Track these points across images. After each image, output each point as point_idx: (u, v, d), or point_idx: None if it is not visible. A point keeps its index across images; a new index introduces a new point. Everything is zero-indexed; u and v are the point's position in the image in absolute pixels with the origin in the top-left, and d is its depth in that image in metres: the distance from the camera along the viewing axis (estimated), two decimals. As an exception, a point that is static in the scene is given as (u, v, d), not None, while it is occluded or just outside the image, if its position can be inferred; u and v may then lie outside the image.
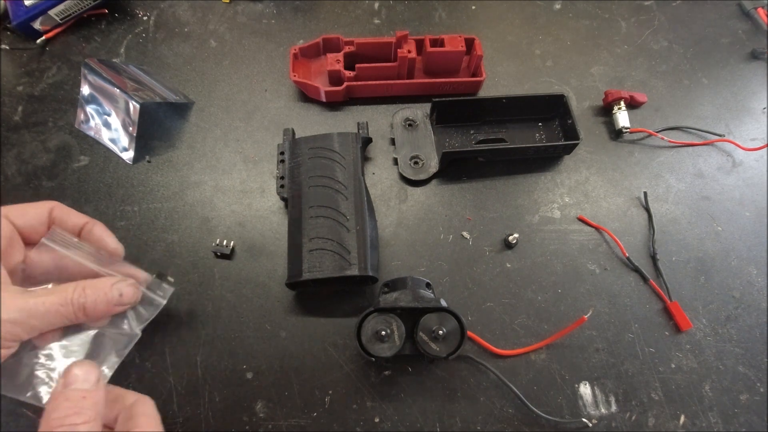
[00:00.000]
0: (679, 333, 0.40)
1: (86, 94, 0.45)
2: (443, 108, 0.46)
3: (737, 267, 0.42)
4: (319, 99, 0.49)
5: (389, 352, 0.33)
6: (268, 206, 0.44)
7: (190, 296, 0.39)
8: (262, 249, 0.42)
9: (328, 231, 0.38)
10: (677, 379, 0.38)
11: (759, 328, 0.40)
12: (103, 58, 0.51)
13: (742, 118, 0.50)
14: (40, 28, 0.51)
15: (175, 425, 0.35)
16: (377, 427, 0.36)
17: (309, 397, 0.36)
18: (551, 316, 0.40)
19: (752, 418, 0.37)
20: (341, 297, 0.40)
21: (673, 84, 0.52)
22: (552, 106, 0.47)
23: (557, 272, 0.42)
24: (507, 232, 0.43)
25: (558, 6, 0.57)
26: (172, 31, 0.53)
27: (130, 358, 0.37)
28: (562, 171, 0.47)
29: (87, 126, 0.46)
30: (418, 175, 0.45)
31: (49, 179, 0.44)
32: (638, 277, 0.42)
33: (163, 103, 0.48)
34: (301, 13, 0.55)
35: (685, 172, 0.47)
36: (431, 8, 0.56)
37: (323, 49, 0.50)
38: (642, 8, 0.57)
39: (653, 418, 0.37)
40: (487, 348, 0.38)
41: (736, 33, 0.56)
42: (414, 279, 0.37)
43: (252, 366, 0.37)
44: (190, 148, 0.47)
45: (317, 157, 0.42)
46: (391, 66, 0.48)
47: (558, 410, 0.37)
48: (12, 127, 0.47)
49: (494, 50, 0.53)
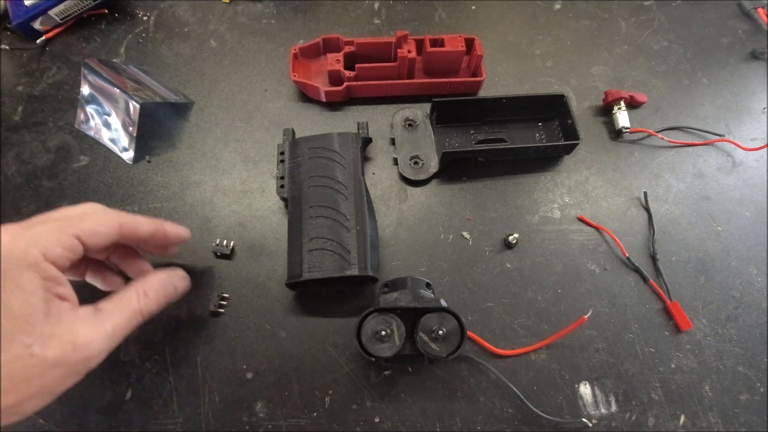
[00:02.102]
0: (679, 333, 0.40)
1: (86, 94, 0.45)
2: (443, 108, 0.46)
3: (737, 267, 0.42)
4: (319, 99, 0.49)
5: (389, 352, 0.33)
6: (268, 206, 0.44)
7: (190, 296, 0.39)
8: (262, 249, 0.42)
9: (328, 231, 0.38)
10: (677, 379, 0.38)
11: (759, 328, 0.40)
12: (103, 58, 0.51)
13: (742, 118, 0.50)
14: (40, 28, 0.51)
15: (175, 425, 0.35)
16: (377, 427, 0.36)
17: (309, 397, 0.36)
18: (551, 316, 0.40)
19: (752, 418, 0.37)
20: (341, 297, 0.40)
21: (673, 84, 0.52)
22: (552, 106, 0.47)
23: (557, 272, 0.42)
24: (507, 232, 0.43)
25: (558, 6, 0.57)
26: (172, 31, 0.53)
27: (130, 358, 0.37)
28: (562, 171, 0.47)
29: (87, 126, 0.46)
30: (418, 175, 0.45)
31: (49, 179, 0.44)
32: (638, 277, 0.42)
33: (163, 103, 0.48)
34: (301, 13, 0.55)
35: (685, 172, 0.47)
36: (431, 8, 0.56)
37: (323, 49, 0.50)
38: (642, 8, 0.57)
39: (653, 418, 0.37)
40: (487, 348, 0.38)
41: (736, 33, 0.56)
42: (414, 279, 0.37)
43: (252, 366, 0.37)
44: (190, 148, 0.47)
45: (317, 157, 0.42)
46: (391, 66, 0.48)
47: (558, 410, 0.37)
48: (12, 127, 0.47)
49: (494, 50, 0.53)
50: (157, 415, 0.36)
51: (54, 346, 0.24)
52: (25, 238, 0.24)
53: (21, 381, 0.23)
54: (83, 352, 0.25)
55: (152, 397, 0.36)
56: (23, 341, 0.23)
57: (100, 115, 0.46)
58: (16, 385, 0.23)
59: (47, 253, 0.24)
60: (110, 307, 0.28)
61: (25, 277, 0.23)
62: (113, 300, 0.29)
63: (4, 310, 0.22)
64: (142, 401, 0.36)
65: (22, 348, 0.23)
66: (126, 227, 0.30)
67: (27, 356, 0.23)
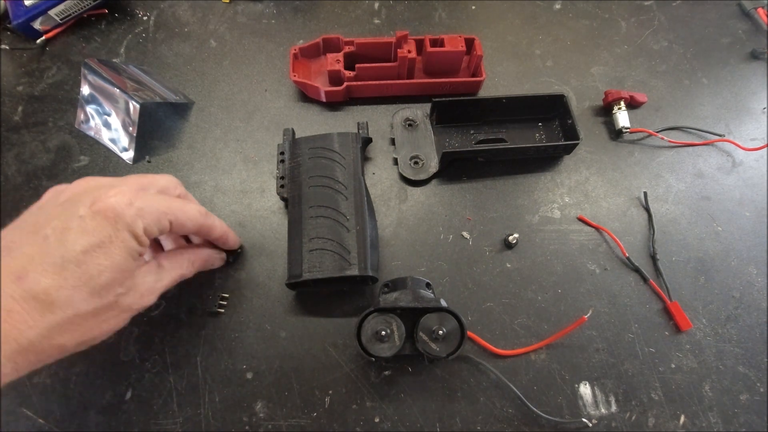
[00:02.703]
0: (679, 333, 0.40)
1: (86, 94, 0.45)
2: (443, 108, 0.46)
3: (737, 267, 0.42)
4: (319, 99, 0.49)
5: (389, 352, 0.33)
6: (268, 206, 0.44)
7: (190, 296, 0.39)
8: (262, 249, 0.42)
9: (328, 231, 0.38)
10: (677, 379, 0.38)
11: (759, 328, 0.40)
12: (103, 58, 0.51)
13: (742, 118, 0.50)
14: (40, 28, 0.51)
15: (175, 425, 0.35)
16: (377, 427, 0.36)
17: (309, 397, 0.36)
18: (551, 316, 0.40)
19: (752, 418, 0.37)
20: (341, 297, 0.40)
21: (673, 84, 0.52)
22: (552, 106, 0.47)
23: (557, 272, 0.42)
24: (507, 232, 0.43)
25: (558, 6, 0.57)
26: (172, 31, 0.53)
27: (130, 358, 0.37)
28: (562, 171, 0.47)
29: (87, 126, 0.46)
30: (418, 175, 0.45)
31: (49, 179, 0.44)
32: (638, 277, 0.42)
33: (163, 103, 0.48)
34: (301, 13, 0.55)
35: (685, 172, 0.47)
36: (431, 8, 0.56)
37: (323, 49, 0.50)
38: (642, 8, 0.57)
39: (653, 418, 0.37)
40: (487, 348, 0.38)
41: (736, 33, 0.56)
42: (414, 279, 0.37)
43: (252, 366, 0.37)
44: (190, 148, 0.47)
45: (317, 157, 0.42)
46: (391, 66, 0.48)
47: (558, 410, 0.37)
48: (12, 127, 0.47)
49: (494, 50, 0.53)
50: (157, 415, 0.36)
51: (131, 295, 0.29)
52: (135, 210, 0.28)
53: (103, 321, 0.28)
54: (146, 301, 0.30)
55: (152, 397, 0.36)
56: (117, 291, 0.28)
57: (100, 115, 0.46)
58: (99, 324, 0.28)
59: (147, 229, 0.28)
60: (168, 265, 0.33)
61: (129, 242, 0.27)
62: (171, 259, 0.33)
63: (111, 263, 0.26)
64: (142, 401, 0.36)
65: (115, 297, 0.28)
66: (203, 229, 0.34)
67: (114, 303, 0.28)
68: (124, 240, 0.27)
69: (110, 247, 0.26)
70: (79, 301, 0.26)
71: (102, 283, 0.26)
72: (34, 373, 0.36)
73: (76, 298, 0.25)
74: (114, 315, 0.28)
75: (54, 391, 0.36)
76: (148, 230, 0.28)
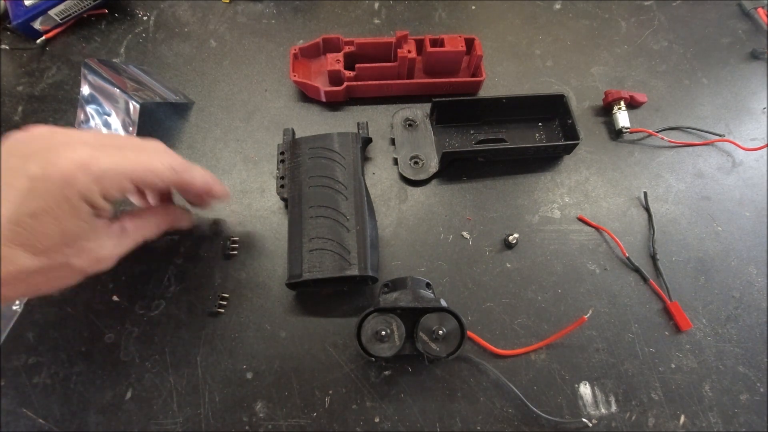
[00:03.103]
0: (679, 333, 0.40)
1: (86, 94, 0.45)
2: (443, 108, 0.46)
3: (737, 267, 0.42)
4: (319, 99, 0.49)
5: (389, 352, 0.33)
6: (268, 206, 0.44)
7: (190, 296, 0.39)
8: (262, 249, 0.42)
9: (328, 231, 0.38)
10: (677, 379, 0.38)
11: (759, 328, 0.40)
12: (103, 58, 0.51)
13: (742, 118, 0.50)
14: (40, 28, 0.51)
15: (175, 425, 0.35)
16: (377, 427, 0.36)
17: (309, 397, 0.36)
18: (551, 316, 0.40)
19: (752, 418, 0.37)
20: (341, 297, 0.40)
21: (673, 84, 0.52)
22: (552, 106, 0.47)
23: (557, 272, 0.42)
24: (507, 232, 0.43)
25: (558, 6, 0.57)
26: (172, 31, 0.53)
27: (130, 358, 0.37)
28: (562, 171, 0.47)
29: (87, 126, 0.46)
30: (418, 175, 0.45)
31: (49, 179, 0.44)
32: (638, 277, 0.42)
33: (163, 103, 0.48)
34: (301, 13, 0.55)
35: (685, 172, 0.47)
36: (431, 8, 0.56)
37: (323, 49, 0.50)
38: (642, 8, 0.57)
39: (653, 418, 0.37)
40: (487, 348, 0.38)
41: (736, 33, 0.56)
42: (414, 279, 0.37)
43: (252, 366, 0.37)
44: (190, 148, 0.47)
45: (317, 157, 0.42)
46: (391, 66, 0.48)
47: (558, 410, 0.37)
48: (12, 127, 0.47)
49: (494, 50, 0.53)
50: (157, 415, 0.36)
51: (85, 258, 0.28)
52: (91, 174, 0.26)
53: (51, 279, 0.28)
54: (102, 266, 0.30)
55: (152, 397, 0.36)
56: (66, 253, 0.27)
57: (100, 115, 0.46)
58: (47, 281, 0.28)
59: (105, 193, 0.27)
60: (132, 228, 0.32)
61: (80, 208, 0.26)
62: (135, 222, 0.32)
63: (59, 228, 0.26)
64: (142, 401, 0.36)
65: (63, 257, 0.27)
66: (179, 185, 0.32)
67: (64, 264, 0.27)
68: (75, 206, 0.26)
69: (58, 212, 0.26)
70: (23, 258, 0.25)
71: (49, 245, 0.26)
72: (34, 373, 0.36)
73: (20, 255, 0.25)
74: (64, 275, 0.28)
75: (54, 391, 0.36)
76: (106, 194, 0.27)
